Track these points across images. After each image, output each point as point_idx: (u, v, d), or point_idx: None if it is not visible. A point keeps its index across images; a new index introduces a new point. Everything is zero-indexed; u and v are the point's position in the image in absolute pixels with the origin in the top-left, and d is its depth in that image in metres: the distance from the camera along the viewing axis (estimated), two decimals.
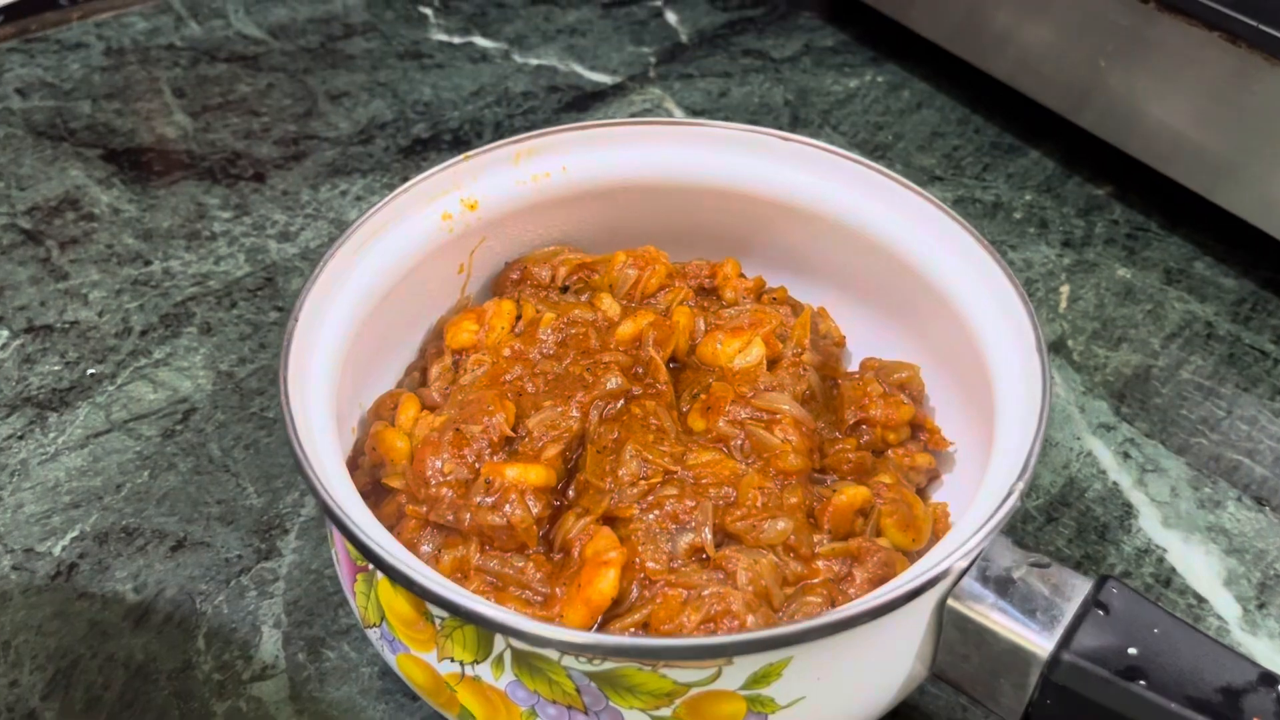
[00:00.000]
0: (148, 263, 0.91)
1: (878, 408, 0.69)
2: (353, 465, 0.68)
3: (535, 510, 0.57)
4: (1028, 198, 0.98)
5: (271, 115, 1.06)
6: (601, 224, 0.76)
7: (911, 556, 0.63)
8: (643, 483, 0.61)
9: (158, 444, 0.75)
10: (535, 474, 0.57)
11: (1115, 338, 0.86)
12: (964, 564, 0.51)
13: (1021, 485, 0.54)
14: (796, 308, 0.75)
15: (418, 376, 0.72)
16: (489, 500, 0.58)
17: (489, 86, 1.11)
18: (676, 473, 0.61)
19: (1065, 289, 0.90)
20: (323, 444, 0.57)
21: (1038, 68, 0.98)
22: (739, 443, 0.64)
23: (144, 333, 0.85)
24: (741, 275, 0.75)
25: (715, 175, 0.74)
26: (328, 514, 0.53)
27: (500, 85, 1.10)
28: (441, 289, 0.73)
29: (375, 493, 0.65)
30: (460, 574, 0.59)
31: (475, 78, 1.11)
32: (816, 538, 0.60)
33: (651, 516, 0.59)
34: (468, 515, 0.59)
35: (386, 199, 0.68)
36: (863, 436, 0.69)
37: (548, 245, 0.76)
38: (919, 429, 0.70)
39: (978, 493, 0.57)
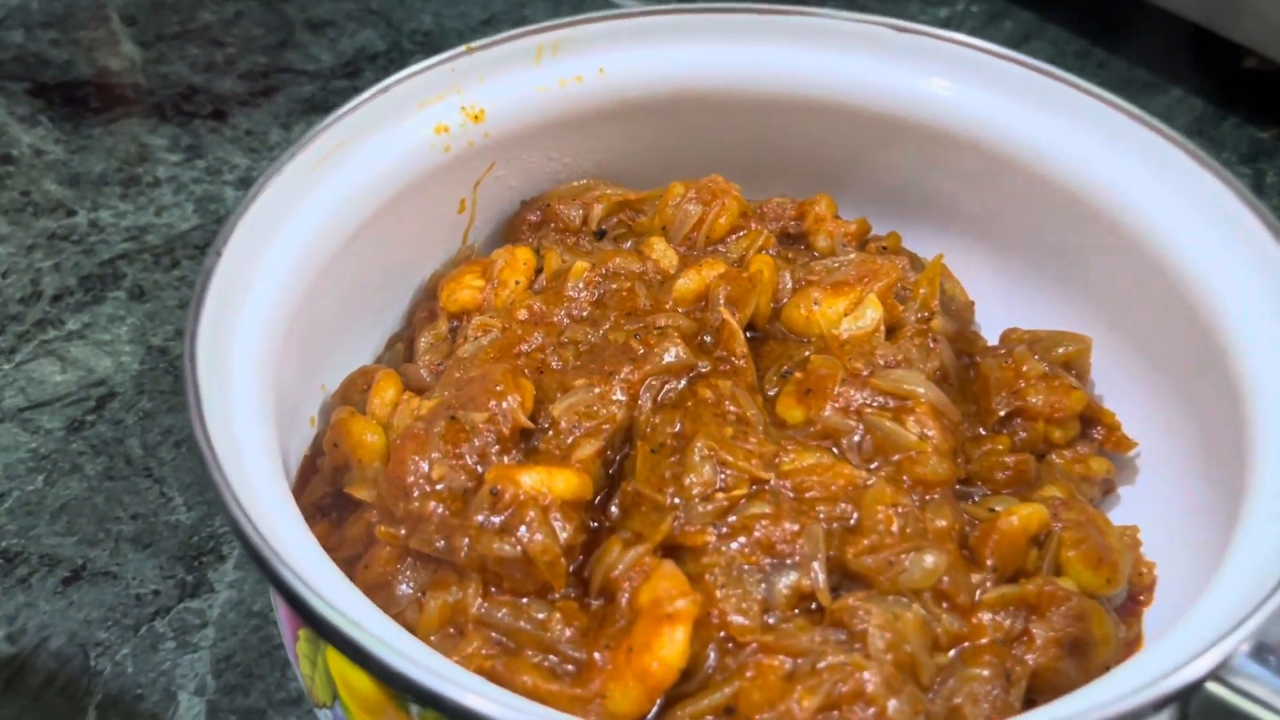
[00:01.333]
0: (71, 213, 0.73)
1: (1038, 394, 0.50)
2: (310, 469, 0.50)
3: (564, 535, 0.39)
4: None
5: (238, 46, 0.88)
6: (650, 148, 0.58)
7: (1101, 602, 0.44)
8: (720, 496, 0.42)
9: (60, 439, 0.57)
10: (564, 482, 0.43)
11: None
12: (1247, 647, 0.32)
13: None
14: (915, 260, 0.55)
15: (402, 350, 0.54)
16: (496, 520, 0.40)
17: (502, 14, 0.93)
18: (768, 482, 0.43)
19: None
20: (249, 440, 0.39)
21: None
22: (856, 439, 0.45)
23: (57, 298, 0.67)
24: (838, 217, 0.55)
25: (805, 82, 0.56)
26: (243, 544, 0.33)
27: (516, 12, 0.92)
28: (435, 232, 0.55)
29: (338, 507, 0.47)
30: (454, 629, 0.40)
31: (485, 4, 0.93)
32: (976, 578, 0.41)
33: (734, 546, 0.40)
34: (465, 542, 0.40)
35: (356, 100, 0.49)
36: (1017, 434, 0.50)
37: (579, 177, 0.58)
38: (1092, 423, 0.51)
39: (1241, 521, 0.37)
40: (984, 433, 0.51)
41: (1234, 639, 0.33)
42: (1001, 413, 0.50)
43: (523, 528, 0.41)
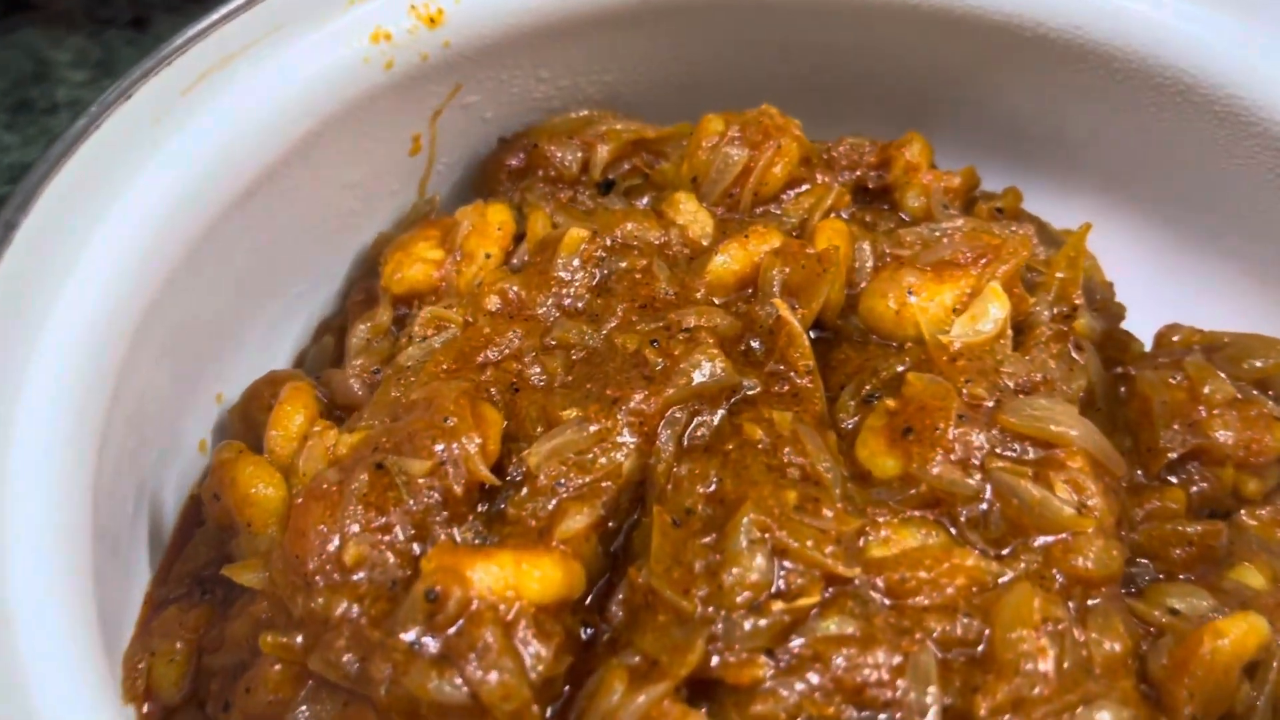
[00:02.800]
0: None
1: (1227, 427, 0.35)
2: (194, 517, 0.35)
3: (538, 667, 0.28)
4: None
5: None
6: (678, 67, 0.44)
7: None
8: (778, 606, 0.27)
9: None
10: (540, 578, 0.29)
11: None
12: None
13: None
14: (1043, 228, 0.40)
15: (331, 344, 0.39)
16: (433, 643, 0.25)
17: None
18: (852, 581, 0.28)
19: None
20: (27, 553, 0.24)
21: None
22: (981, 509, 0.30)
23: None
24: (935, 166, 0.40)
25: None
26: None
27: None
28: (379, 181, 0.43)
29: (225, 581, 0.32)
30: None
31: None
32: None
33: (801, 687, 0.25)
34: (387, 672, 0.25)
35: None
36: (1194, 483, 0.35)
37: (578, 107, 0.44)
38: None
39: None
40: (1144, 480, 0.36)
41: None
42: (1175, 452, 0.35)
43: (473, 658, 0.26)
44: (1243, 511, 0.39)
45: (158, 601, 0.35)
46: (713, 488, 0.32)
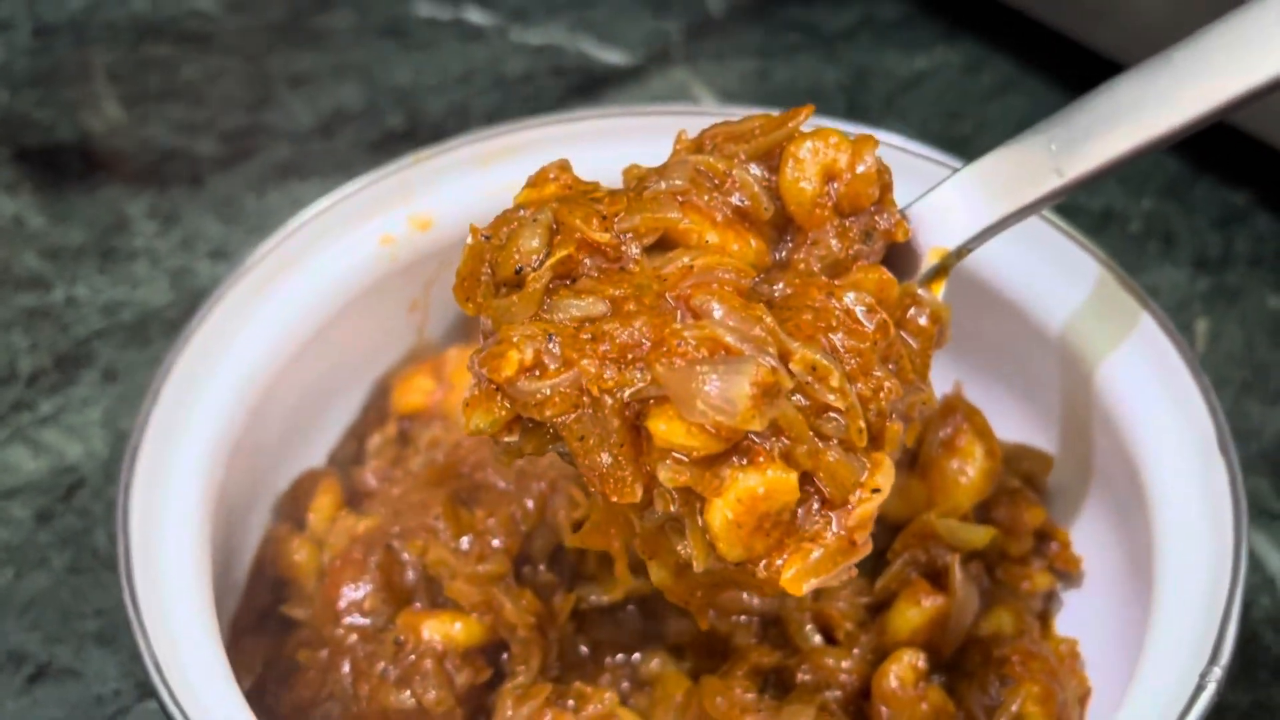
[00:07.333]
0: (49, 288, 0.74)
1: (1000, 508, 0.50)
2: (260, 574, 0.50)
3: (463, 680, 0.43)
4: (1147, 205, 0.80)
5: (217, 105, 0.89)
6: None
7: None
8: None
9: (29, 530, 0.58)
10: (464, 630, 0.44)
11: (1273, 391, 0.66)
12: None
13: (1218, 672, 0.35)
14: None
15: (354, 447, 0.54)
16: (394, 671, 0.41)
17: (481, 69, 0.93)
18: None
19: (1202, 324, 0.71)
20: (181, 598, 0.40)
21: (1160, 38, 0.78)
22: None
23: (33, 379, 0.68)
24: None
25: None
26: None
27: (495, 68, 0.92)
28: (389, 332, 0.57)
29: (280, 617, 0.48)
30: None
31: (465, 59, 0.93)
32: None
33: None
34: (366, 690, 0.41)
35: (297, 222, 0.50)
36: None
37: None
38: (1045, 539, 0.51)
39: (1138, 673, 0.38)
40: None
41: None
42: None
43: (418, 679, 0.41)
44: (998, 568, 0.52)
45: (237, 631, 0.50)
46: None
